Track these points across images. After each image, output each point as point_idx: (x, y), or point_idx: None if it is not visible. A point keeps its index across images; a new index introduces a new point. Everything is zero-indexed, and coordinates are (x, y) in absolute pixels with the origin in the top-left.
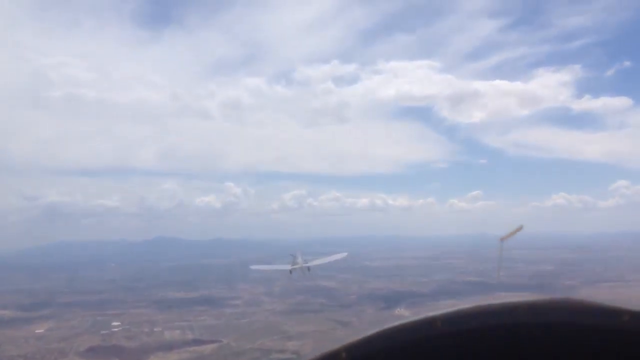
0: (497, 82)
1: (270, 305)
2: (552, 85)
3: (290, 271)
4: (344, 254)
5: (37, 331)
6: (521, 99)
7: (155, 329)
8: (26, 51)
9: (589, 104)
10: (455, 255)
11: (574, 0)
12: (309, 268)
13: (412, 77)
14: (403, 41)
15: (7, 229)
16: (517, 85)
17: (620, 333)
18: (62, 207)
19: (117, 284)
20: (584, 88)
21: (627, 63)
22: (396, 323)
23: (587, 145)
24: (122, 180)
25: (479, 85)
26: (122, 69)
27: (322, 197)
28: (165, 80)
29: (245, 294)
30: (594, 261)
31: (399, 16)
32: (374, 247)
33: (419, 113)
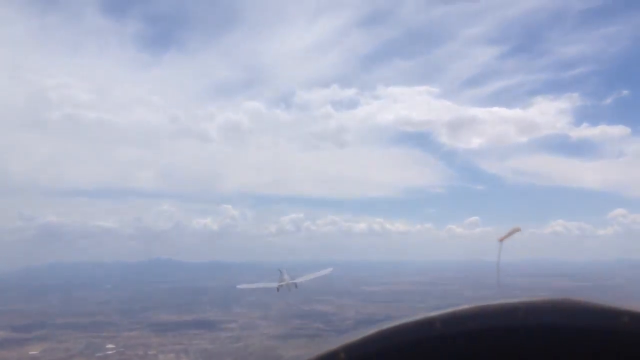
0: (496, 108)
1: (266, 329)
2: (550, 113)
3: (278, 288)
4: (329, 270)
5: (30, 352)
6: (520, 126)
7: (149, 352)
8: (26, 72)
9: (587, 132)
10: (453, 280)
11: (572, 29)
12: (296, 285)
13: (411, 103)
14: (402, 67)
15: (2, 249)
16: (516, 112)
17: (621, 334)
18: (58, 227)
19: (112, 306)
20: (583, 116)
21: (625, 92)
22: (394, 323)
23: (586, 173)
24: (120, 201)
25: (478, 111)
26: (122, 90)
27: (319, 221)
28: (165, 102)
29: (241, 317)
30: (591, 289)
31: (398, 42)
32: (372, 272)
33: (417, 138)
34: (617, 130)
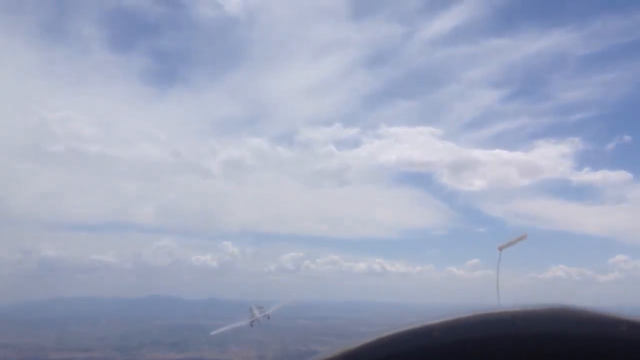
0: (498, 151)
1: None
2: (552, 157)
3: (251, 324)
4: (294, 299)
5: None
6: (521, 169)
7: None
8: (31, 104)
9: (588, 176)
10: None
11: (574, 74)
12: (268, 316)
13: (413, 143)
14: (405, 107)
15: (1, 282)
16: (518, 155)
17: (619, 343)
18: (57, 261)
19: (107, 342)
20: (584, 160)
21: (627, 137)
22: (393, 331)
23: (587, 218)
24: (120, 236)
25: (480, 153)
26: (126, 125)
27: (319, 260)
28: (167, 137)
29: (237, 356)
30: None
31: (402, 83)
32: (371, 313)
33: (419, 179)
34: (619, 175)
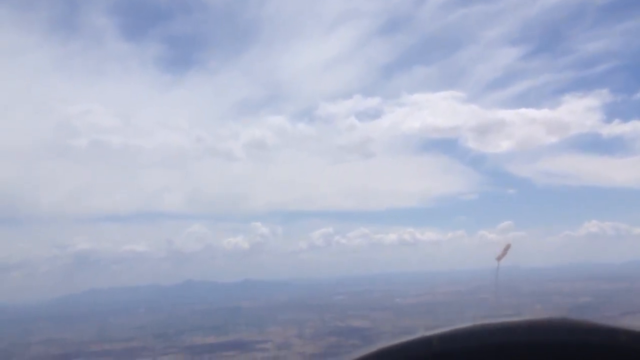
0: (523, 110)
1: (302, 348)
2: (579, 111)
3: None
4: None
5: None
6: (548, 127)
7: None
8: (51, 101)
9: (618, 128)
10: (488, 289)
11: (596, 24)
12: None
13: (436, 109)
14: (425, 73)
15: (38, 278)
16: (544, 113)
17: (618, 353)
18: (91, 254)
19: (147, 331)
20: (613, 112)
21: None
22: (392, 342)
23: (618, 171)
24: (150, 224)
25: (505, 114)
26: (146, 113)
27: (349, 234)
28: (189, 123)
29: (276, 336)
30: (632, 291)
31: (419, 48)
32: (405, 284)
33: (444, 145)
34: None
